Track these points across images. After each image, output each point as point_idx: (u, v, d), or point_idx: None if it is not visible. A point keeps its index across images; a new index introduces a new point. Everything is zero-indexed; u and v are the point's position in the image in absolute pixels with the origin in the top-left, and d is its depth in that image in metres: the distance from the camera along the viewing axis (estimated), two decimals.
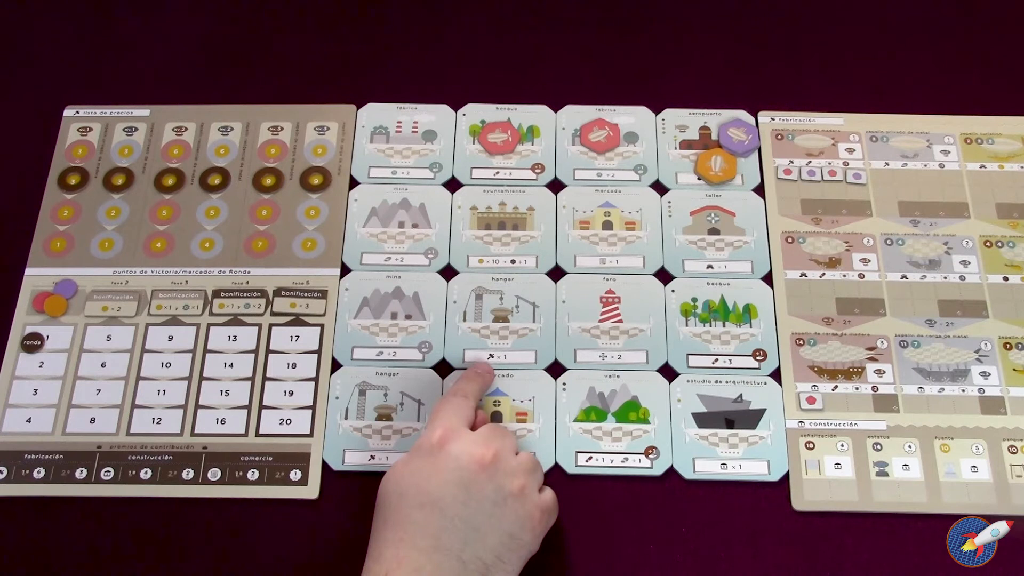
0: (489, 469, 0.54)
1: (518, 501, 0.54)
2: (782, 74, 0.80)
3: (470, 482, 0.53)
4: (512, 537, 0.53)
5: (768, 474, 0.65)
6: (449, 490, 0.52)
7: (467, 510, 0.52)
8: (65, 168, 0.75)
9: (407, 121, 0.77)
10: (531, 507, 0.54)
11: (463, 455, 0.54)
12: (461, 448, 0.54)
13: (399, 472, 0.54)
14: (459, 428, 0.56)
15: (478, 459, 0.54)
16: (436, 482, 0.53)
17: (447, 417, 0.57)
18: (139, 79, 0.80)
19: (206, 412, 0.67)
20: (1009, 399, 0.67)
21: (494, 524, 0.52)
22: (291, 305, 0.70)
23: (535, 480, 0.56)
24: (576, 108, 0.78)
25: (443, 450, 0.54)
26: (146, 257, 0.72)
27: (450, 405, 0.58)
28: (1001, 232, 0.72)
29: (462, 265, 0.72)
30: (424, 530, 0.51)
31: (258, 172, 0.75)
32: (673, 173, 0.75)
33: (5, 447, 0.66)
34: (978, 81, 0.79)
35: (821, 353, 0.68)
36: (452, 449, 0.54)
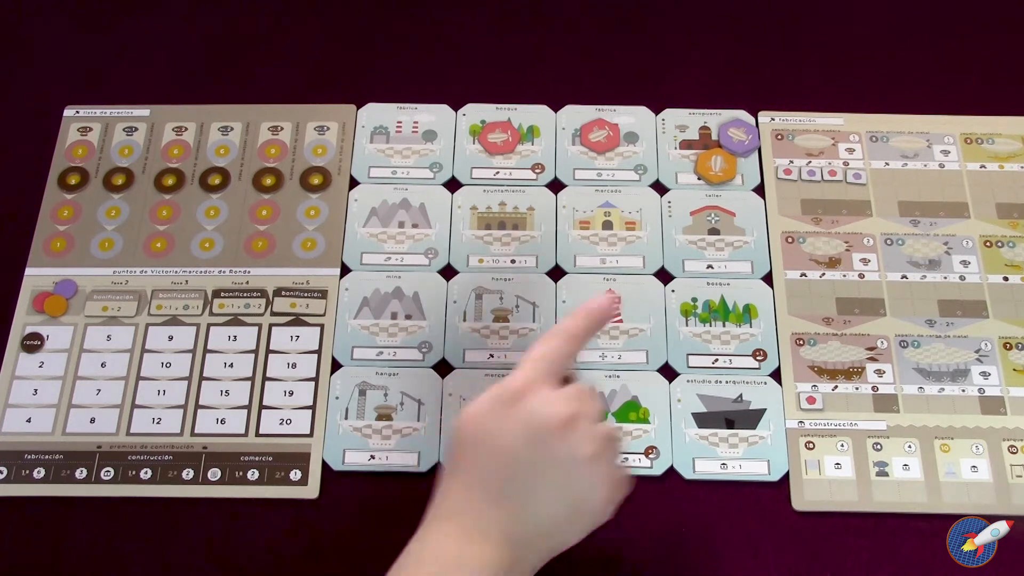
0: (565, 429, 0.51)
1: (590, 466, 0.51)
2: (782, 74, 0.80)
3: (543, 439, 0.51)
4: (580, 499, 0.51)
5: (768, 474, 0.65)
6: (521, 444, 0.50)
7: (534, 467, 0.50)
8: (65, 168, 0.75)
9: (407, 121, 0.77)
10: (602, 475, 0.52)
11: (539, 412, 0.51)
12: (539, 404, 0.51)
13: (476, 417, 0.52)
14: (543, 380, 0.52)
15: (555, 418, 0.51)
16: (509, 434, 0.51)
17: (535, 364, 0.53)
18: (139, 79, 0.80)
19: (206, 412, 0.67)
20: (1009, 399, 0.67)
21: (561, 487, 0.51)
22: (291, 305, 0.70)
23: (611, 451, 0.54)
24: (576, 108, 0.78)
25: (521, 402, 0.51)
26: (146, 257, 0.72)
27: (545, 347, 0.54)
28: (1001, 232, 0.72)
29: (462, 265, 0.72)
30: (494, 479, 0.50)
31: (258, 172, 0.75)
32: (673, 173, 0.75)
33: (5, 447, 0.66)
34: (978, 81, 0.79)
35: (821, 353, 0.68)
36: (530, 403, 0.51)
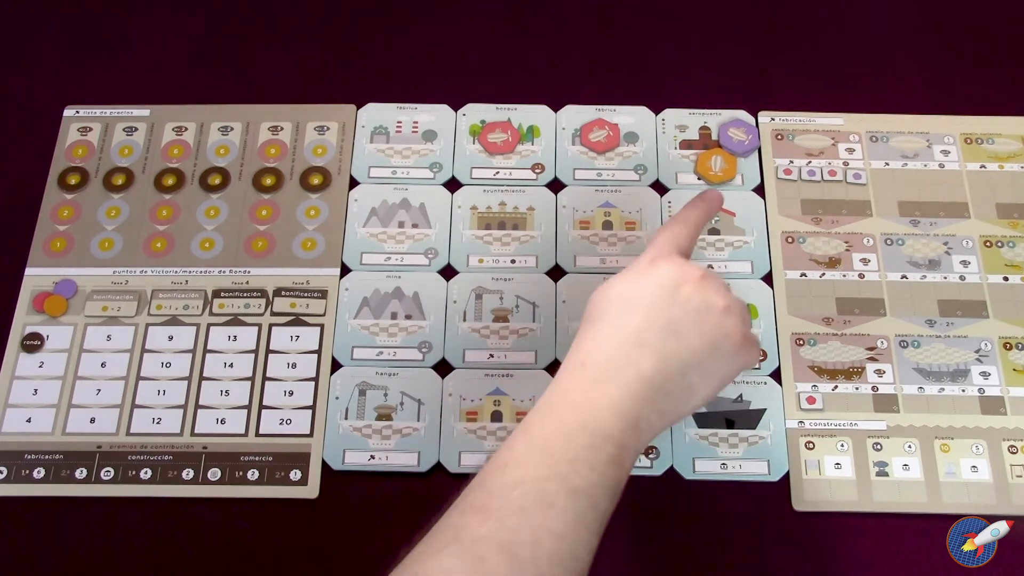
0: (699, 283, 0.52)
1: (723, 316, 0.52)
2: (782, 74, 0.80)
3: (677, 288, 0.52)
4: (713, 346, 0.52)
5: (768, 474, 0.65)
6: (655, 294, 0.52)
7: (670, 310, 0.51)
8: (65, 168, 0.75)
9: (407, 121, 0.77)
10: (736, 326, 0.53)
11: (674, 270, 0.52)
12: (672, 265, 0.53)
13: (609, 284, 0.53)
14: (672, 252, 0.55)
15: (689, 274, 0.52)
16: (643, 287, 0.52)
17: (661, 243, 0.55)
18: (139, 79, 0.80)
19: (206, 412, 0.67)
20: (1009, 399, 0.67)
21: (695, 328, 0.51)
22: (291, 305, 0.70)
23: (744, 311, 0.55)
24: (576, 108, 0.78)
25: (654, 267, 0.53)
26: (146, 257, 0.72)
27: (667, 232, 0.56)
28: (1001, 232, 0.72)
29: (462, 265, 0.72)
30: (627, 326, 0.51)
31: (258, 172, 0.75)
32: (673, 173, 0.75)
33: (5, 447, 0.66)
34: (978, 81, 0.79)
35: (821, 353, 0.68)
36: (663, 266, 0.53)
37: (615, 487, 0.47)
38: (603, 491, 0.46)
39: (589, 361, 0.50)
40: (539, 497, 0.45)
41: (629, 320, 0.51)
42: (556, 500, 0.45)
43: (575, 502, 0.45)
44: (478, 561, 0.43)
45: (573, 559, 0.44)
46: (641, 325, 0.51)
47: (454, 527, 0.45)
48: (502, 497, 0.45)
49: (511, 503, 0.45)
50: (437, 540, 0.44)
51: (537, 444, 0.47)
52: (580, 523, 0.45)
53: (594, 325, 0.52)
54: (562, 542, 0.44)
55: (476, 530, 0.44)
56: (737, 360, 0.53)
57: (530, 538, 0.44)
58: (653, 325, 0.50)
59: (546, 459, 0.46)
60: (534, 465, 0.46)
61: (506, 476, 0.46)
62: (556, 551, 0.44)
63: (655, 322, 0.51)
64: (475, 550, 0.43)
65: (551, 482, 0.45)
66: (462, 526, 0.44)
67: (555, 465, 0.46)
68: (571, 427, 0.47)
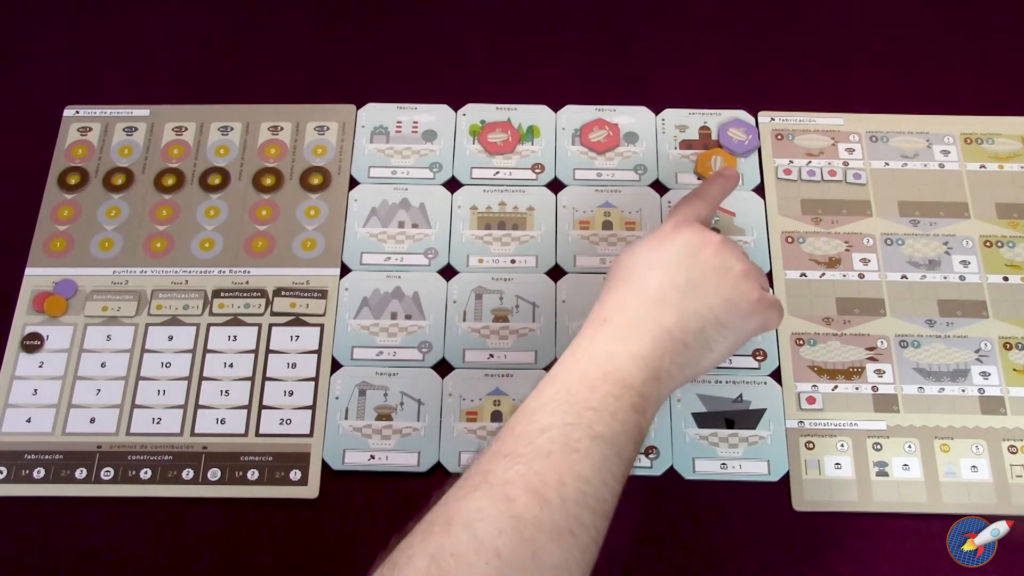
0: (719, 247, 0.56)
1: (741, 277, 0.55)
2: (782, 74, 0.80)
3: (698, 251, 0.55)
4: (731, 304, 0.55)
5: (768, 474, 0.65)
6: (677, 256, 0.55)
7: (690, 270, 0.54)
8: (65, 168, 0.75)
9: (407, 121, 0.77)
10: (753, 287, 0.56)
11: (694, 235, 0.56)
12: (693, 231, 0.56)
13: (632, 248, 0.57)
14: (692, 220, 0.58)
15: (710, 240, 0.56)
16: (665, 251, 0.55)
17: (682, 212, 0.59)
18: (139, 79, 0.80)
19: (206, 412, 0.67)
20: (1009, 399, 0.67)
21: (714, 286, 0.54)
22: (291, 305, 0.70)
23: (761, 275, 0.58)
24: (576, 108, 0.78)
25: (675, 232, 0.56)
26: (146, 257, 0.72)
27: (686, 203, 0.60)
28: (1001, 232, 0.72)
29: (462, 265, 0.72)
30: (648, 285, 0.54)
31: (258, 172, 0.75)
32: (673, 173, 0.75)
33: (5, 447, 0.66)
34: (978, 81, 0.79)
35: (821, 353, 0.68)
36: (684, 231, 0.56)
37: (637, 434, 0.50)
38: (626, 438, 0.49)
39: (611, 317, 0.53)
40: (564, 443, 0.47)
41: (651, 279, 0.54)
42: (580, 445, 0.47)
43: (599, 447, 0.48)
44: (507, 501, 0.45)
45: (598, 501, 0.47)
46: (662, 283, 0.53)
47: (483, 472, 0.47)
48: (529, 443, 0.47)
49: (537, 448, 0.47)
50: (467, 484, 0.47)
51: (561, 394, 0.50)
52: (604, 467, 0.47)
53: (616, 285, 0.55)
54: (587, 484, 0.47)
55: (504, 474, 0.46)
56: (753, 319, 0.56)
57: (556, 480, 0.46)
58: (674, 283, 0.53)
59: (571, 407, 0.49)
60: (559, 413, 0.48)
61: (532, 423, 0.48)
62: (581, 492, 0.46)
63: (676, 281, 0.54)
64: (504, 491, 0.45)
65: (575, 428, 0.48)
66: (490, 471, 0.47)
67: (579, 412, 0.48)
68: (594, 377, 0.50)
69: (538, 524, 0.44)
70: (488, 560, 0.43)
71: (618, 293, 0.54)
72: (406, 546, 0.45)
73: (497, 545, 0.44)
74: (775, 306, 0.58)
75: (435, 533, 0.44)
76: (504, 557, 0.43)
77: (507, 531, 0.44)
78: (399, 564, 0.44)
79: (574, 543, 0.45)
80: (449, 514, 0.45)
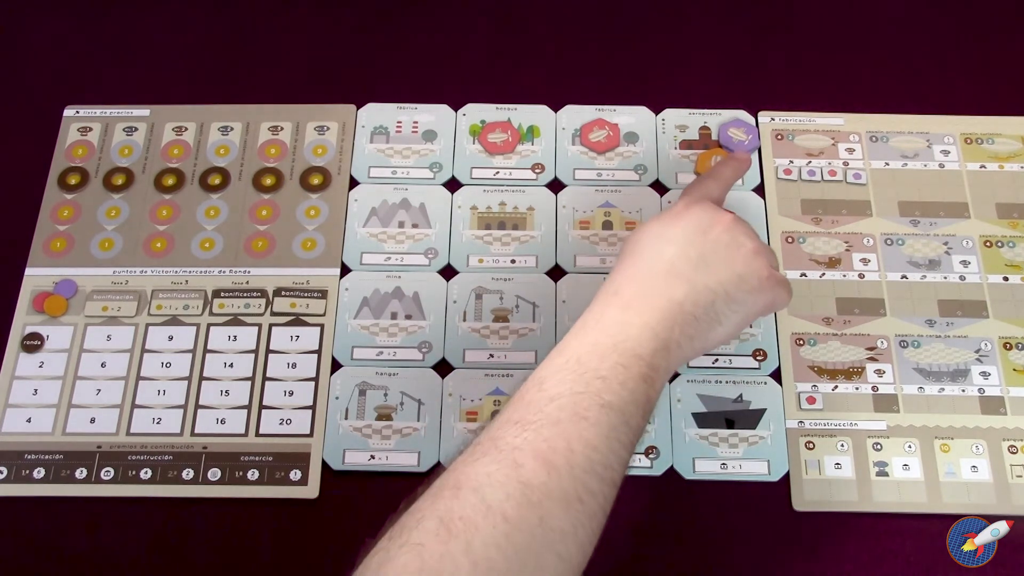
0: (730, 225, 0.57)
1: (752, 254, 0.56)
2: (782, 74, 0.80)
3: (710, 228, 0.56)
4: (741, 279, 0.55)
5: (768, 474, 0.65)
6: (689, 232, 0.56)
7: (701, 245, 0.55)
8: (65, 168, 0.75)
9: (407, 121, 0.77)
10: (763, 265, 0.57)
11: (706, 213, 0.57)
12: (705, 209, 0.57)
13: (645, 224, 0.57)
14: (705, 200, 0.59)
15: (720, 217, 0.57)
16: (677, 226, 0.56)
17: (694, 191, 0.60)
18: (139, 79, 0.80)
19: (206, 412, 0.67)
20: (1009, 399, 0.67)
21: (725, 262, 0.55)
22: (291, 305, 0.70)
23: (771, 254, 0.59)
24: (576, 108, 0.78)
25: (687, 210, 0.57)
26: (146, 257, 0.72)
27: (699, 183, 0.61)
28: (1001, 232, 0.72)
29: (462, 265, 0.72)
30: (660, 258, 0.55)
31: (258, 172, 0.75)
32: (673, 173, 0.75)
33: (5, 447, 0.66)
34: (978, 81, 0.79)
35: (821, 353, 0.68)
36: (696, 209, 0.57)
37: (646, 404, 0.50)
38: (634, 407, 0.50)
39: (623, 289, 0.54)
40: (573, 410, 0.48)
41: (663, 253, 0.55)
42: (589, 413, 0.48)
43: (607, 415, 0.48)
44: (516, 467, 0.45)
45: (606, 468, 0.47)
46: (674, 257, 0.54)
47: (492, 438, 0.48)
48: (538, 411, 0.48)
49: (547, 416, 0.48)
50: (476, 450, 0.47)
51: (571, 363, 0.50)
52: (612, 436, 0.48)
53: (628, 259, 0.56)
54: (595, 452, 0.47)
55: (513, 440, 0.47)
56: (763, 295, 0.57)
57: (565, 447, 0.47)
58: (686, 257, 0.54)
59: (580, 376, 0.49)
60: (569, 382, 0.49)
61: (542, 392, 0.49)
62: (589, 459, 0.47)
63: (687, 255, 0.54)
64: (513, 457, 0.46)
65: (584, 397, 0.48)
66: (500, 437, 0.47)
67: (589, 381, 0.49)
68: (604, 347, 0.51)
69: (546, 490, 0.45)
70: (496, 524, 0.44)
71: (629, 267, 0.55)
72: (415, 509, 0.46)
73: (505, 509, 0.44)
74: (784, 284, 0.59)
75: (444, 497, 0.45)
76: (512, 521, 0.44)
77: (515, 496, 0.45)
78: (407, 526, 0.45)
79: (582, 509, 0.46)
80: (458, 478, 0.46)
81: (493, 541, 0.43)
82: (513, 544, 0.44)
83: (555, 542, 0.45)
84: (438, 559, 0.43)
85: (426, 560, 0.43)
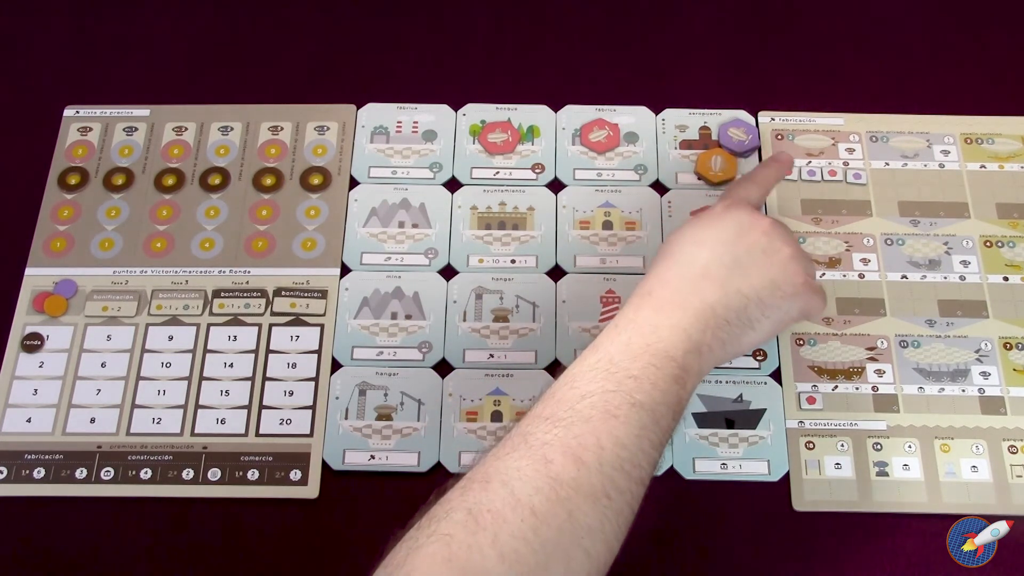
0: (768, 229, 0.56)
1: (788, 260, 0.56)
2: (782, 74, 0.80)
3: (745, 231, 0.56)
4: (775, 285, 0.55)
5: (768, 474, 0.65)
6: (724, 234, 0.56)
7: (736, 249, 0.55)
8: (65, 168, 0.75)
9: (407, 121, 0.77)
10: (799, 272, 0.57)
11: (745, 217, 0.57)
12: (743, 212, 0.57)
13: (682, 228, 0.58)
14: (744, 202, 0.59)
15: (758, 222, 0.57)
16: (714, 229, 0.56)
17: (733, 194, 0.60)
18: (139, 79, 0.80)
19: (206, 412, 0.67)
20: (1009, 399, 0.67)
21: (760, 267, 0.55)
22: (291, 305, 0.70)
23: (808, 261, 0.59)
24: (576, 108, 0.78)
25: (725, 212, 0.57)
26: (146, 257, 0.72)
27: (739, 185, 0.61)
28: (1001, 232, 0.72)
29: (462, 265, 0.72)
30: (695, 261, 0.55)
31: (258, 172, 0.75)
32: (673, 173, 0.75)
33: (5, 447, 0.66)
34: (978, 81, 0.79)
35: (821, 353, 0.68)
36: (734, 212, 0.57)
37: (677, 405, 0.51)
38: (665, 408, 0.50)
39: (656, 290, 0.54)
40: (604, 408, 0.48)
41: (697, 256, 0.55)
42: (619, 411, 0.48)
43: (638, 414, 0.49)
44: (545, 462, 0.46)
45: (634, 467, 0.48)
46: (708, 260, 0.55)
47: (523, 434, 0.48)
48: (570, 408, 0.48)
49: (578, 413, 0.48)
50: (507, 445, 0.48)
51: (603, 362, 0.51)
52: (642, 435, 0.49)
53: (663, 261, 0.56)
54: (624, 450, 0.48)
55: (543, 436, 0.47)
56: (797, 302, 0.57)
57: (594, 443, 0.47)
58: (720, 261, 0.54)
59: (612, 375, 0.50)
60: (600, 380, 0.49)
61: (574, 389, 0.49)
62: (618, 457, 0.47)
63: (722, 258, 0.55)
64: (542, 452, 0.46)
65: (616, 395, 0.49)
66: (530, 433, 0.48)
67: (620, 380, 0.49)
68: (636, 347, 0.51)
69: (575, 485, 0.45)
70: (524, 517, 0.44)
71: (664, 269, 0.55)
72: (445, 500, 0.46)
73: (534, 503, 0.45)
74: (819, 292, 0.59)
75: (473, 489, 0.46)
76: (540, 515, 0.44)
77: (544, 490, 0.45)
78: (437, 516, 0.45)
79: (609, 506, 0.46)
80: (488, 472, 0.46)
81: (521, 534, 0.44)
82: (540, 538, 0.44)
83: (582, 537, 0.45)
84: (466, 550, 0.43)
85: (454, 550, 0.43)
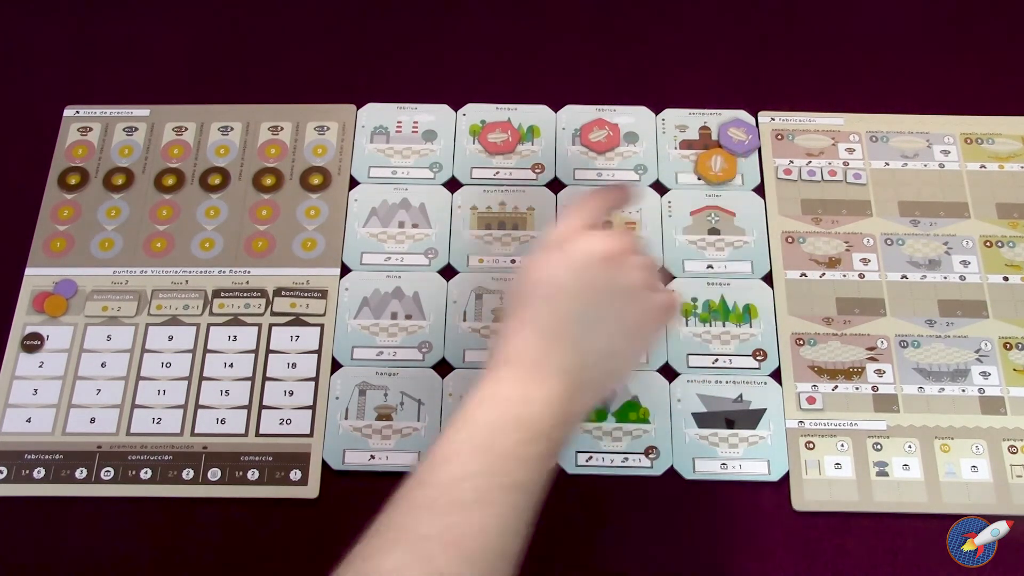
0: (608, 263, 0.55)
1: (638, 296, 0.55)
2: (782, 74, 0.80)
3: (589, 273, 0.54)
4: (632, 324, 0.55)
5: (768, 474, 0.65)
6: (572, 281, 0.54)
7: (587, 300, 0.54)
8: (65, 168, 0.75)
9: (407, 121, 0.77)
10: (651, 301, 0.56)
11: (586, 250, 0.55)
12: (584, 243, 0.55)
13: (530, 267, 0.56)
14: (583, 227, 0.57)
15: (600, 253, 0.55)
16: (561, 273, 0.54)
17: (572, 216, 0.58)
18: (139, 79, 0.80)
19: (206, 412, 0.67)
20: (1009, 399, 0.67)
21: (612, 315, 0.54)
22: (291, 305, 0.70)
23: (655, 278, 0.58)
24: (576, 108, 0.78)
25: (567, 244, 0.55)
26: (146, 257, 0.72)
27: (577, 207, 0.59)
28: (1001, 232, 0.72)
29: (462, 265, 0.72)
30: (548, 318, 0.53)
31: (258, 172, 0.75)
32: (673, 173, 0.75)
33: (5, 447, 0.66)
34: (978, 81, 0.79)
35: (821, 353, 0.68)
36: (576, 244, 0.55)
37: (547, 478, 0.50)
38: (536, 486, 0.49)
39: (514, 357, 0.52)
40: (478, 495, 0.47)
41: (549, 311, 0.53)
42: (495, 496, 0.48)
43: (513, 497, 0.48)
44: (427, 560, 0.45)
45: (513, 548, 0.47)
46: (561, 316, 0.53)
47: (400, 526, 0.47)
48: (444, 493, 0.47)
49: (453, 500, 0.47)
50: (385, 539, 0.47)
51: (475, 439, 0.49)
52: (519, 516, 0.48)
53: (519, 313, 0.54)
54: (504, 534, 0.47)
55: (422, 529, 0.46)
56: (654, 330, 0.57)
57: (474, 532, 0.46)
58: (571, 316, 0.53)
59: (484, 455, 0.49)
60: (473, 462, 0.48)
61: (446, 472, 0.48)
62: (500, 543, 0.47)
63: (573, 310, 0.53)
64: (424, 548, 0.45)
65: (490, 478, 0.48)
66: (407, 525, 0.47)
67: (492, 462, 0.49)
68: (506, 422, 0.50)
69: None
70: None
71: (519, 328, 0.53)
72: None
73: None
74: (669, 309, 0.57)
75: None
76: None
77: None
78: None
79: None
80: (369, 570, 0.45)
81: None
82: None
83: None
84: None
85: None
